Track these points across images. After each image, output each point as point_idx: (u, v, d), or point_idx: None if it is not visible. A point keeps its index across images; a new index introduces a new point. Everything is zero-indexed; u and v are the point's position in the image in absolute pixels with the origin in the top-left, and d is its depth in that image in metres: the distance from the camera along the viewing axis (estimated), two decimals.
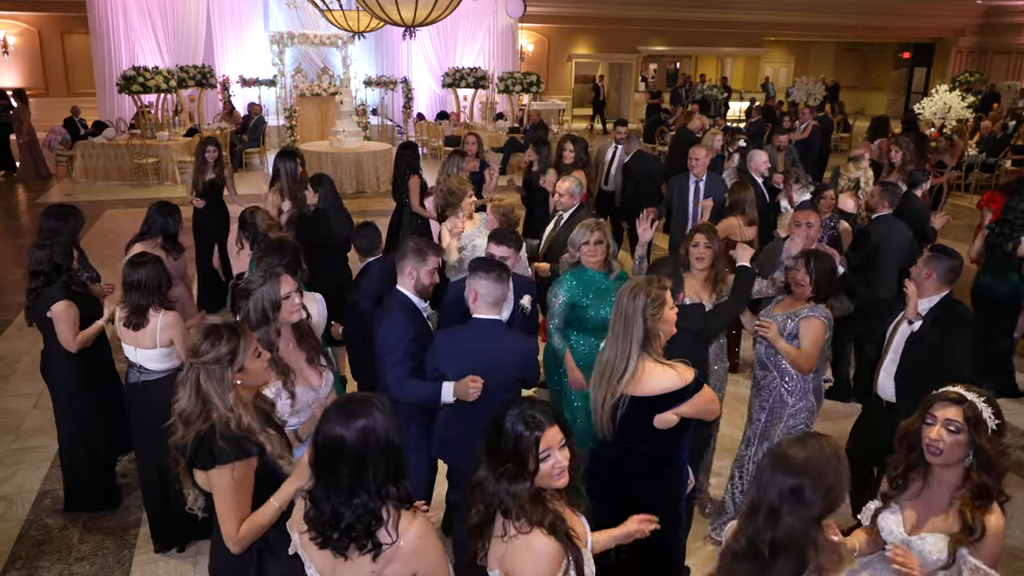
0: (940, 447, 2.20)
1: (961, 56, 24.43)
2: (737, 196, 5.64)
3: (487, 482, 1.97)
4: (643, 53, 23.19)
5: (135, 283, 3.57)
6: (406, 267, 3.40)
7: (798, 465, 1.85)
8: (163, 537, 3.89)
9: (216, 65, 15.95)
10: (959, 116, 14.01)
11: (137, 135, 13.48)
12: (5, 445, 4.85)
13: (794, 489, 1.83)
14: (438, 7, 7.09)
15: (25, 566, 3.77)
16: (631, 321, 2.65)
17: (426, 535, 1.97)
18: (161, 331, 3.60)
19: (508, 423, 1.97)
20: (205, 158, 6.68)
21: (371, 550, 1.91)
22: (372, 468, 1.89)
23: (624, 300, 2.68)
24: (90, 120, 14.46)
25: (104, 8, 14.81)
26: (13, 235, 9.92)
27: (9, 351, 6.25)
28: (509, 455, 1.95)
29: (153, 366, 3.67)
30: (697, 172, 6.37)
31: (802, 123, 11.49)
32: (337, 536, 1.91)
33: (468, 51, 18.00)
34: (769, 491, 1.86)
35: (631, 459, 2.79)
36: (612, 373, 2.66)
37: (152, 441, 3.72)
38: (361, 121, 15.52)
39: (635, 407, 2.66)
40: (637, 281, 2.74)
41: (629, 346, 2.64)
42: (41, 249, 3.88)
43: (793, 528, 1.82)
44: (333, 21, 9.74)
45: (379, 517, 1.90)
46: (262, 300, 2.91)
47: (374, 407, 1.95)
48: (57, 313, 3.81)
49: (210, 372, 2.30)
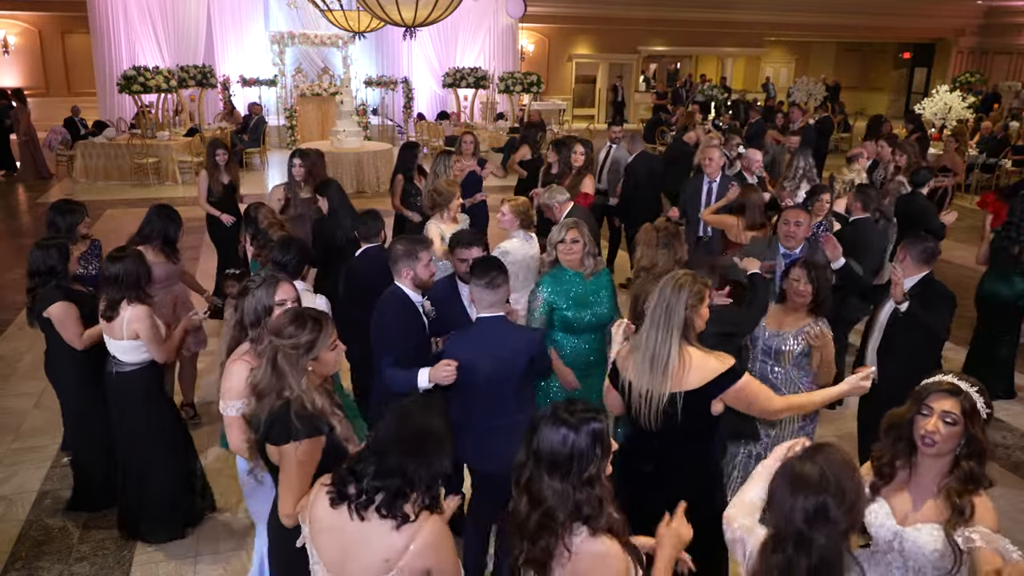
0: (936, 439, 2.17)
1: (961, 56, 24.43)
2: (744, 197, 5.63)
3: (554, 489, 1.92)
4: (643, 53, 23.19)
5: (112, 277, 3.61)
6: (401, 270, 3.50)
7: (816, 482, 1.75)
8: (122, 524, 3.95)
9: (216, 65, 15.96)
10: (959, 116, 14.02)
11: (137, 135, 13.48)
12: (5, 445, 4.85)
13: (819, 508, 1.73)
14: (438, 7, 7.09)
15: (25, 566, 3.77)
16: (673, 310, 2.67)
17: (441, 533, 2.00)
18: (127, 324, 3.64)
19: (580, 425, 1.94)
20: (216, 162, 6.62)
21: (395, 517, 1.94)
22: (424, 459, 1.96)
23: (668, 290, 2.70)
24: (90, 120, 14.46)
25: (104, 8, 14.82)
26: (13, 235, 9.93)
27: (9, 351, 6.25)
28: (588, 458, 1.93)
29: (124, 357, 3.73)
30: (711, 173, 6.41)
31: (793, 122, 11.50)
32: (359, 493, 1.96)
33: (468, 51, 18.01)
34: (793, 517, 1.75)
35: (674, 452, 2.80)
36: (656, 361, 2.67)
37: (122, 429, 3.84)
38: (361, 121, 15.53)
39: (693, 401, 2.68)
40: (681, 273, 2.78)
41: (670, 334, 2.66)
42: (38, 250, 3.92)
43: (827, 549, 1.73)
44: (333, 21, 9.74)
45: (404, 495, 1.95)
46: (256, 303, 2.91)
47: (446, 438, 2.04)
48: (55, 315, 3.84)
49: (287, 355, 2.40)
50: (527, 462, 1.97)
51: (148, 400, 3.84)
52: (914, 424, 2.23)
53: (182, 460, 4.00)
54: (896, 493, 2.30)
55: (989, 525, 2.13)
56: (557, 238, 3.93)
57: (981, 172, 13.44)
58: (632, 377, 2.74)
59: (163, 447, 3.89)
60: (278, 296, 2.91)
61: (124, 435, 3.86)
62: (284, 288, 2.95)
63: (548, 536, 1.91)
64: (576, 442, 1.92)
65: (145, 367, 3.78)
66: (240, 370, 2.80)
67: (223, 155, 6.65)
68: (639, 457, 2.85)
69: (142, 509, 3.91)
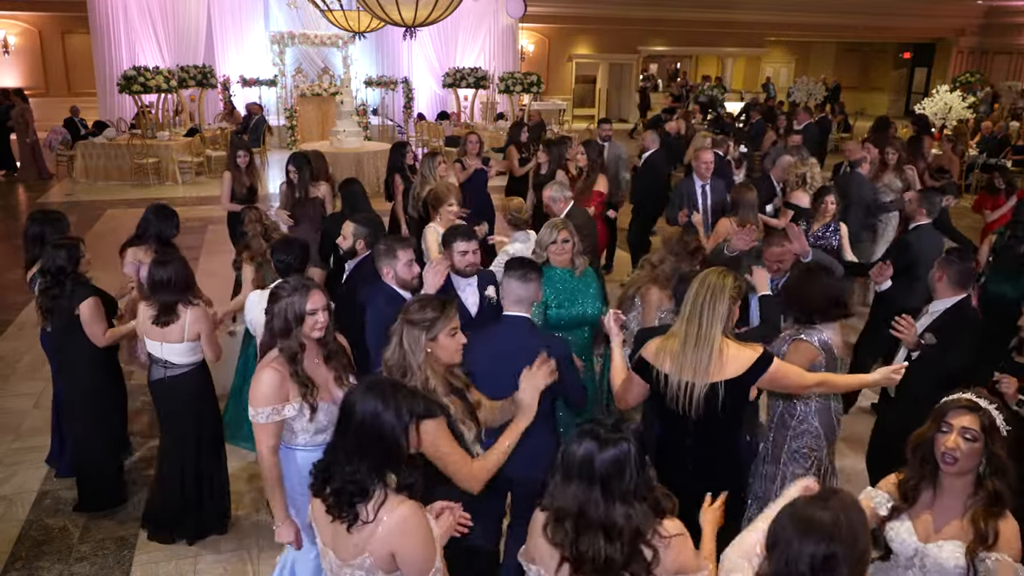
0: (956, 455, 2.18)
1: (962, 56, 24.43)
2: (737, 196, 5.59)
3: (617, 514, 1.93)
4: (643, 53, 23.19)
5: (164, 281, 3.62)
6: (382, 268, 3.66)
7: (827, 530, 1.67)
8: (170, 528, 3.94)
9: (216, 65, 15.94)
10: (960, 116, 14.01)
11: (137, 135, 13.47)
12: (5, 445, 4.85)
13: (827, 557, 1.65)
14: (438, 7, 7.09)
15: (25, 566, 3.76)
16: (718, 299, 2.73)
17: (412, 521, 2.00)
18: (190, 326, 3.67)
19: (626, 452, 1.94)
20: (237, 164, 6.66)
21: (347, 520, 1.97)
22: (369, 446, 1.98)
23: (712, 279, 2.76)
24: (90, 120, 14.45)
25: (104, 8, 14.80)
26: (13, 235, 9.92)
27: (9, 351, 6.25)
28: (636, 479, 1.95)
29: (179, 360, 3.74)
30: (703, 175, 6.35)
31: (800, 124, 11.50)
32: (328, 492, 2.01)
33: (468, 51, 18.00)
34: (799, 562, 1.67)
35: (713, 440, 2.88)
36: (700, 354, 2.73)
37: (177, 432, 3.85)
38: (361, 121, 15.52)
39: (733, 389, 2.76)
40: (719, 270, 2.86)
41: (713, 327, 2.73)
42: (50, 249, 3.91)
43: None
44: (334, 21, 9.74)
45: (365, 491, 1.97)
46: (286, 310, 2.81)
47: (395, 400, 2.02)
48: (87, 310, 3.86)
49: (409, 332, 2.55)
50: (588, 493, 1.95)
51: (204, 397, 3.89)
52: (935, 442, 2.24)
53: (224, 457, 4.09)
54: (920, 513, 2.31)
55: (1013, 550, 2.13)
56: (548, 239, 4.03)
57: (981, 172, 13.44)
58: (670, 369, 2.79)
59: (217, 444, 3.98)
60: (310, 304, 2.83)
61: (178, 436, 3.85)
62: (316, 296, 2.87)
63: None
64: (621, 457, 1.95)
65: (199, 366, 3.83)
66: (269, 377, 2.78)
67: (244, 157, 6.70)
68: (676, 451, 2.92)
69: (186, 509, 3.91)
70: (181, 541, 3.93)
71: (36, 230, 4.30)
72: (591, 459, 1.93)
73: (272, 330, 2.85)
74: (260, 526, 4.06)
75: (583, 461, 1.94)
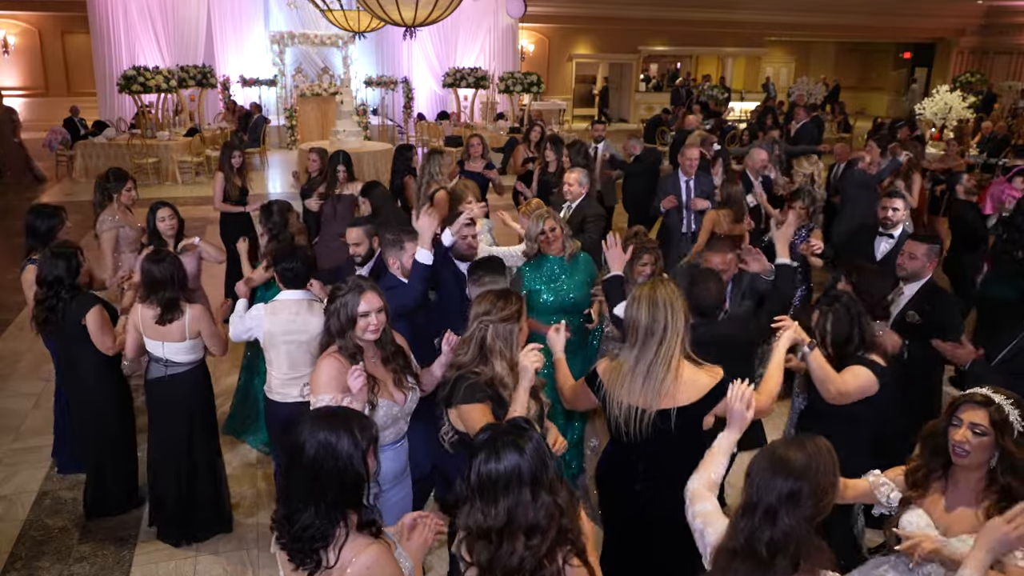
0: (966, 448, 2.24)
1: (962, 56, 24.41)
2: (727, 190, 5.77)
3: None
4: (643, 53, 23.17)
5: (166, 279, 3.60)
6: (388, 259, 3.76)
7: (798, 470, 1.87)
8: (172, 529, 3.93)
9: (216, 65, 15.95)
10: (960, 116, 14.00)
11: (137, 135, 13.47)
12: (5, 445, 4.85)
13: (792, 493, 1.86)
14: (438, 7, 7.08)
15: (25, 566, 3.76)
16: (669, 327, 2.50)
17: (377, 566, 1.88)
18: (191, 323, 3.67)
19: (539, 439, 1.94)
20: (232, 164, 6.65)
21: (309, 567, 1.86)
22: (325, 486, 1.86)
23: (661, 307, 2.51)
24: (90, 120, 14.44)
25: (104, 8, 14.81)
26: (11, 235, 9.91)
27: (9, 351, 6.25)
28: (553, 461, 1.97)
29: (181, 358, 3.73)
30: (688, 171, 6.39)
31: (798, 122, 11.52)
32: (286, 541, 1.90)
33: (468, 51, 17.99)
34: (768, 493, 1.88)
35: (664, 467, 2.65)
36: (651, 380, 2.51)
37: (174, 431, 3.82)
38: (361, 121, 15.52)
39: (686, 417, 2.56)
40: (662, 282, 2.62)
41: (670, 352, 2.51)
42: (47, 258, 3.84)
43: (790, 528, 1.85)
44: (333, 21, 9.73)
45: (325, 536, 1.85)
46: (339, 311, 2.79)
47: (347, 427, 1.91)
48: (93, 320, 3.79)
49: (499, 329, 2.60)
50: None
51: (203, 394, 3.89)
52: (948, 435, 2.30)
53: (221, 454, 4.10)
54: (934, 505, 2.35)
55: None
56: (537, 231, 4.10)
57: (982, 172, 13.43)
58: (619, 392, 2.60)
59: (214, 441, 3.98)
60: (362, 307, 2.76)
61: (176, 435, 3.82)
62: (370, 297, 2.78)
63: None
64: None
65: (199, 364, 3.82)
66: (329, 367, 2.78)
67: (238, 158, 6.70)
68: (626, 472, 2.74)
69: (195, 508, 3.91)
70: (188, 541, 3.92)
71: (29, 220, 4.43)
72: (518, 468, 1.85)
73: (329, 329, 2.83)
74: (260, 526, 4.06)
75: (509, 475, 1.85)
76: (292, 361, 3.49)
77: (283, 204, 4.95)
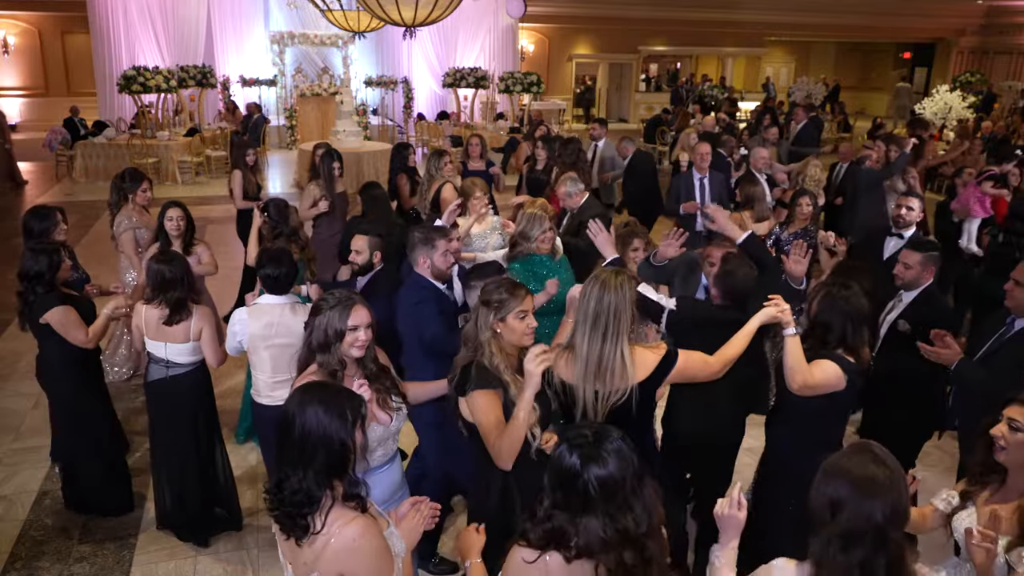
0: (1003, 444, 2.29)
1: (962, 56, 24.42)
2: (747, 191, 5.75)
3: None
4: (643, 53, 23.19)
5: (176, 279, 3.59)
6: (419, 258, 3.56)
7: (888, 483, 1.78)
8: (187, 528, 3.94)
9: (216, 65, 15.95)
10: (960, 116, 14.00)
11: (137, 135, 13.47)
12: (5, 445, 4.85)
13: (895, 505, 1.77)
14: (438, 7, 7.08)
15: (25, 566, 3.76)
16: (620, 314, 2.57)
17: (360, 540, 1.93)
18: (195, 324, 3.66)
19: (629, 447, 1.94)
20: (247, 162, 6.71)
21: (297, 534, 1.93)
22: (313, 453, 1.93)
23: (608, 295, 2.58)
24: (90, 120, 14.44)
25: (104, 8, 14.81)
26: (11, 236, 9.91)
27: (9, 351, 6.24)
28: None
29: (184, 359, 3.72)
30: (701, 168, 6.39)
31: (798, 122, 11.51)
32: (277, 509, 1.96)
33: (468, 51, 18.00)
34: (872, 516, 1.75)
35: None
36: (606, 369, 2.59)
37: (177, 432, 3.81)
38: (361, 121, 15.53)
39: (642, 393, 2.67)
40: (607, 272, 2.66)
41: (619, 339, 2.59)
42: (28, 254, 3.82)
43: (899, 545, 1.77)
44: (333, 21, 9.74)
45: (312, 500, 1.92)
46: (326, 325, 2.63)
47: (338, 398, 1.98)
48: (55, 320, 3.75)
49: (481, 309, 2.67)
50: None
51: (205, 395, 3.88)
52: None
53: (226, 453, 4.08)
54: (986, 503, 2.37)
55: None
56: (539, 230, 4.08)
57: None
58: (572, 380, 2.66)
59: (217, 441, 3.97)
60: (351, 321, 2.63)
61: (176, 435, 3.81)
62: (359, 312, 2.66)
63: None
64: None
65: (200, 364, 3.79)
66: None
67: (252, 156, 6.77)
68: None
69: (195, 508, 3.91)
70: (195, 540, 3.93)
71: (25, 220, 4.45)
72: (631, 466, 1.87)
73: (310, 344, 2.67)
74: (260, 527, 4.05)
75: (617, 478, 1.84)
76: (276, 364, 3.47)
77: (280, 201, 4.95)
